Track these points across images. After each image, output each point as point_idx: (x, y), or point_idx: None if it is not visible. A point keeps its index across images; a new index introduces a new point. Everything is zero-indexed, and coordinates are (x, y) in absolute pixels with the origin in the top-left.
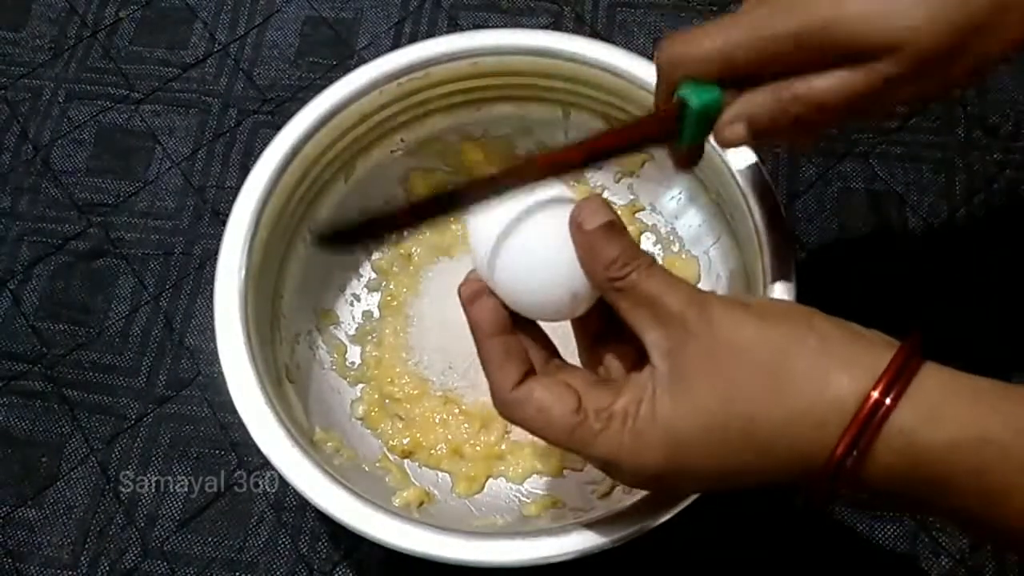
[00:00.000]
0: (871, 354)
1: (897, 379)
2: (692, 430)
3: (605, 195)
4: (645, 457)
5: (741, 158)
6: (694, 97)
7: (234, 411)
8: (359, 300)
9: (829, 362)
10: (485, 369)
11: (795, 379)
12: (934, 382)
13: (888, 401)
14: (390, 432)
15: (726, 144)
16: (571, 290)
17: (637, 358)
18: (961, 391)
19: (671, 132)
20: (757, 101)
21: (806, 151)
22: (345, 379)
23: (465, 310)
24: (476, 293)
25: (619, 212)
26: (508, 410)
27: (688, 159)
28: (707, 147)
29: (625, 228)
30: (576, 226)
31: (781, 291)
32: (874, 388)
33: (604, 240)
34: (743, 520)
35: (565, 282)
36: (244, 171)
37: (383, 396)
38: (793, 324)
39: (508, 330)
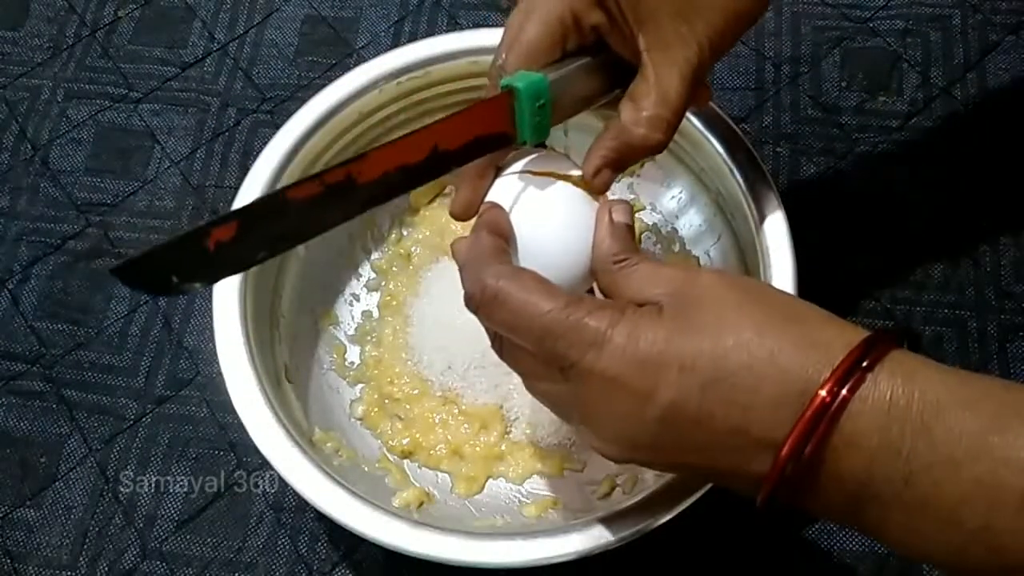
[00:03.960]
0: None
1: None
2: (698, 344)
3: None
4: (641, 342)
5: (742, 157)
6: (519, 81)
7: (233, 411)
8: (358, 300)
9: (829, 319)
10: (475, 255)
11: (806, 319)
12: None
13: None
14: (389, 432)
15: (600, 191)
16: (578, 268)
17: None
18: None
19: (509, 128)
20: (609, 147)
21: (702, 107)
22: (344, 379)
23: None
24: (497, 207)
25: None
26: (488, 292)
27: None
28: (707, 146)
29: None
30: (607, 213)
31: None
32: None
33: (625, 232)
34: (742, 520)
35: (576, 263)
36: (243, 170)
37: (382, 396)
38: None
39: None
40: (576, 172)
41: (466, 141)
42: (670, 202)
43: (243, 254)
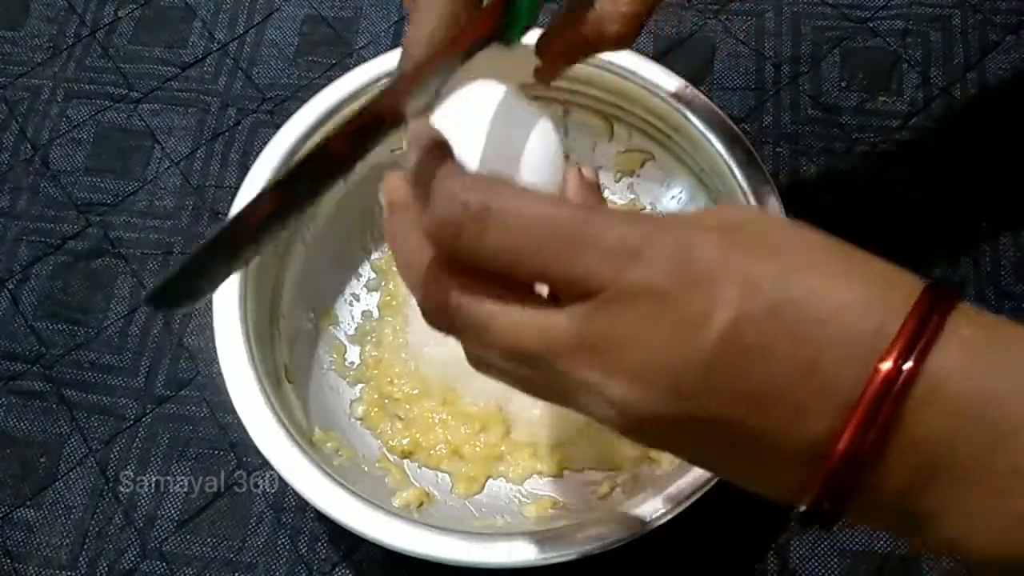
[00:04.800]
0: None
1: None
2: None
3: (605, 194)
4: (694, 250)
5: (742, 157)
6: None
7: (233, 411)
8: (358, 300)
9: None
10: (423, 174)
11: (869, 259)
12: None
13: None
14: (389, 432)
15: (552, 77)
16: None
17: None
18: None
19: (500, 27)
20: (571, 36)
21: None
22: (344, 379)
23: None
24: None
25: None
26: (474, 207)
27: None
28: (708, 146)
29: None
30: (575, 172)
31: None
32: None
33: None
34: (743, 521)
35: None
36: (243, 170)
37: (382, 396)
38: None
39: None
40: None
41: (460, 52)
42: (670, 202)
43: (284, 216)
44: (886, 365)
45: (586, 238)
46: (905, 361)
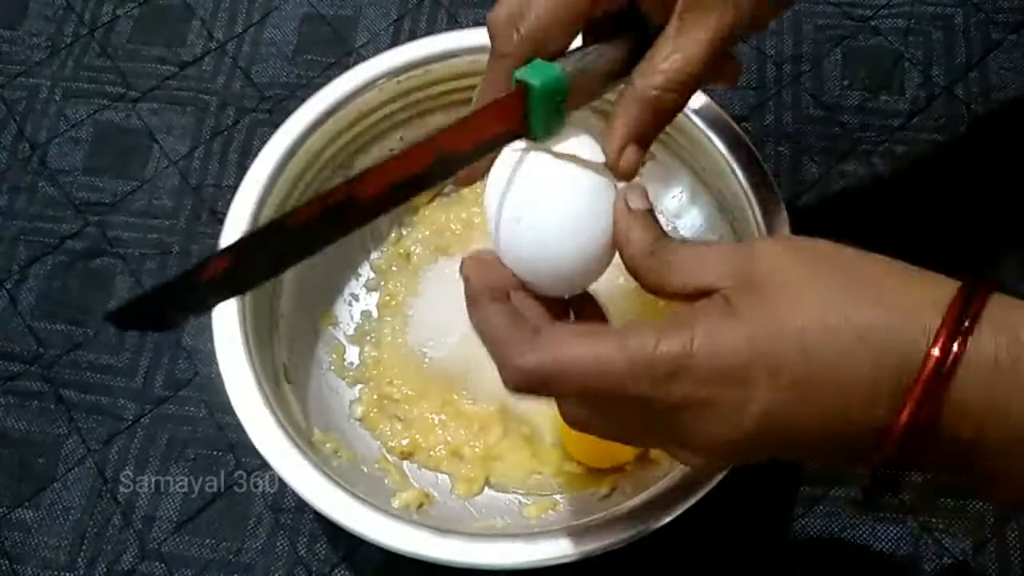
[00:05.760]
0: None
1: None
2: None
3: None
4: (723, 354)
5: (743, 156)
6: (533, 76)
7: (232, 412)
8: (357, 300)
9: (907, 274)
10: (492, 339)
11: (883, 282)
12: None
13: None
14: (389, 433)
15: (628, 174)
16: (591, 258)
17: None
18: None
19: (519, 125)
20: (630, 115)
21: (730, 83)
22: (344, 379)
23: (467, 276)
24: (482, 259)
25: None
26: (537, 376)
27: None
28: (708, 146)
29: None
30: (623, 201)
31: None
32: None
33: (651, 219)
34: (744, 521)
35: (588, 251)
36: (242, 170)
37: (382, 397)
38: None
39: (508, 298)
40: (596, 156)
41: (474, 143)
42: (671, 201)
43: (240, 281)
44: (936, 351)
45: (635, 370)
46: (952, 343)
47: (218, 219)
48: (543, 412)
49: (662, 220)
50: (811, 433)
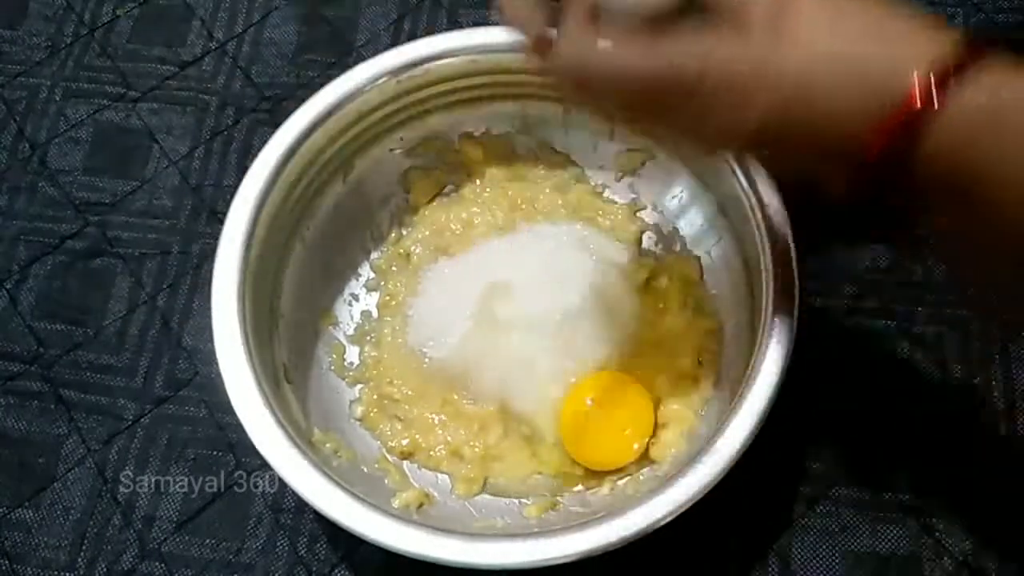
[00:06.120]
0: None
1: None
2: None
3: (606, 194)
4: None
5: (743, 157)
6: None
7: (232, 412)
8: (357, 300)
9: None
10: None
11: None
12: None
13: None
14: (389, 433)
15: None
16: None
17: None
18: None
19: None
20: None
21: None
22: (344, 379)
23: None
24: None
25: (620, 211)
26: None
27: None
28: None
29: None
30: None
31: (784, 291)
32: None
33: None
34: (743, 522)
35: None
36: (242, 170)
37: (382, 397)
38: None
39: None
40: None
41: None
42: (671, 202)
43: None
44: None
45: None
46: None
47: (218, 219)
48: (543, 412)
49: (662, 219)
50: (803, 125)
